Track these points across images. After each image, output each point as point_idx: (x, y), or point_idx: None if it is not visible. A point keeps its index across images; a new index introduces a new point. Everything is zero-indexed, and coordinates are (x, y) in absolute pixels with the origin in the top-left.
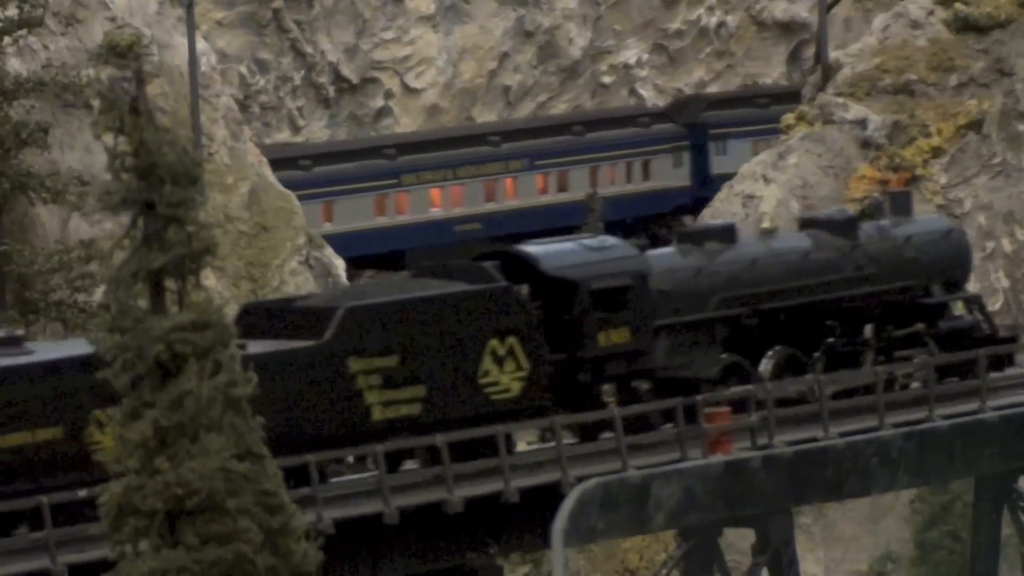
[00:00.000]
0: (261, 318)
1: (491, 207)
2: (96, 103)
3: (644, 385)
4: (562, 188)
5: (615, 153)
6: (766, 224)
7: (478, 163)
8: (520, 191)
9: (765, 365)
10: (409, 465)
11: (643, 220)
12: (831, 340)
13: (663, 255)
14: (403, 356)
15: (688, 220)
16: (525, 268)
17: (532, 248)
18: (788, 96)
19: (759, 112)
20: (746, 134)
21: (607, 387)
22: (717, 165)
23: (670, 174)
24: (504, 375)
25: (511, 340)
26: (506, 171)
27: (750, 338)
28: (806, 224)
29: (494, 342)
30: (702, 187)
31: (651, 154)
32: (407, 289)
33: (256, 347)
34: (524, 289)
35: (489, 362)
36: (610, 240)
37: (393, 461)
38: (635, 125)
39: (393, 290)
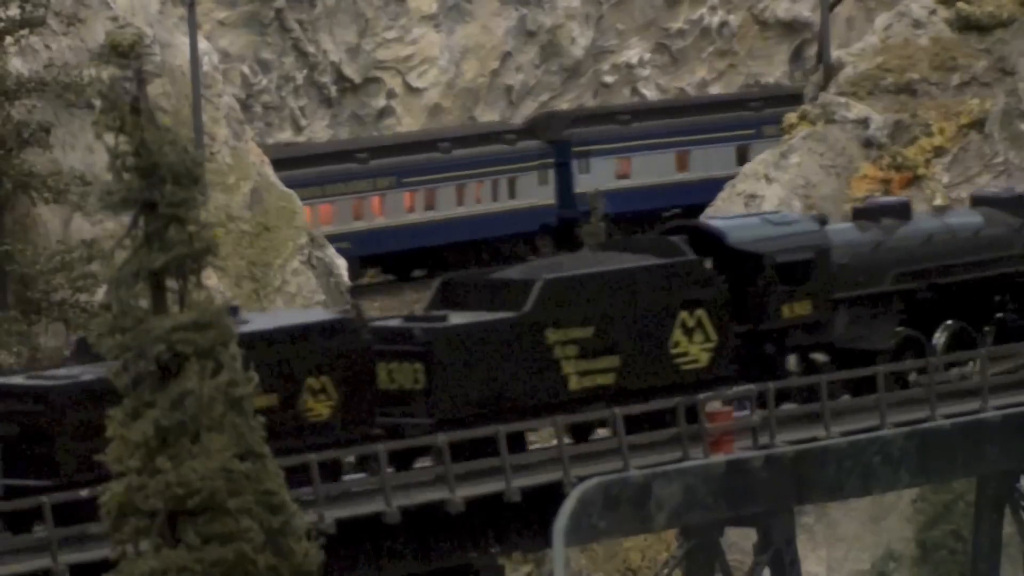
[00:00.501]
0: (461, 290)
1: (359, 226)
2: (98, 103)
3: (821, 357)
4: (429, 206)
5: (481, 170)
6: (939, 201)
7: (346, 180)
8: (387, 209)
9: (938, 338)
10: (601, 434)
11: (507, 239)
12: (1001, 315)
13: (843, 230)
14: (598, 327)
15: (547, 244)
16: (711, 242)
17: (718, 222)
18: (651, 112)
19: (621, 129)
20: (609, 151)
21: (791, 358)
22: (580, 183)
23: (536, 192)
24: (693, 346)
25: (700, 312)
26: (374, 189)
27: (924, 312)
28: (977, 202)
29: (684, 314)
30: (565, 206)
31: (517, 171)
32: (601, 262)
33: (457, 318)
34: (708, 262)
35: (679, 333)
36: (791, 215)
37: (584, 431)
38: (501, 142)
39: (588, 263)
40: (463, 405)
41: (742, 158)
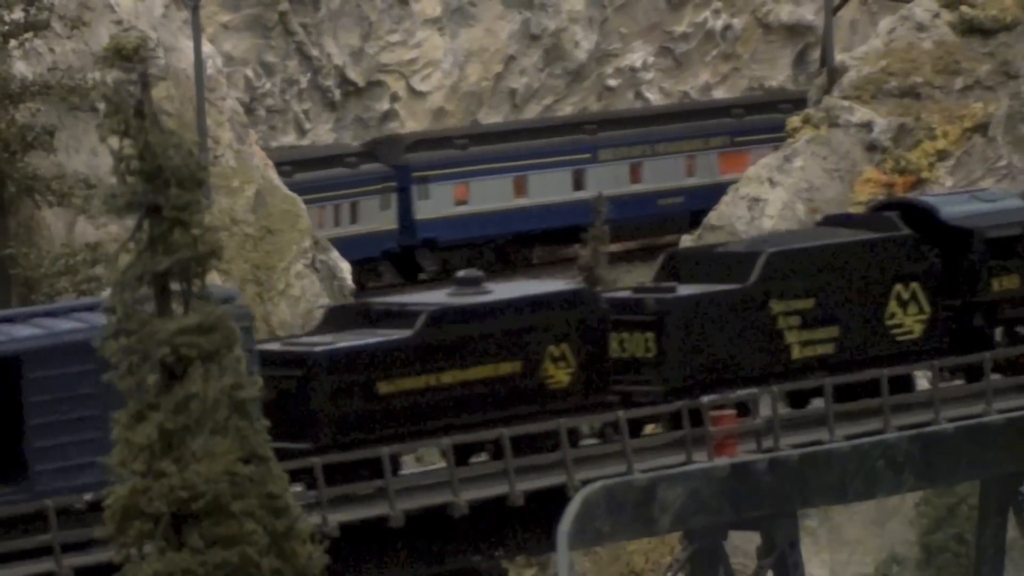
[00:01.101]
0: (687, 263)
1: None
2: (102, 106)
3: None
4: None
5: (323, 195)
6: None
7: None
8: None
9: None
10: (816, 403)
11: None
12: None
13: None
14: (819, 298)
15: (389, 271)
16: (923, 217)
17: (930, 198)
18: (488, 137)
19: (459, 154)
20: (447, 177)
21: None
22: (420, 210)
23: (378, 217)
24: (908, 318)
25: (914, 285)
26: None
27: None
28: None
29: (899, 286)
30: (405, 232)
31: (359, 196)
32: (820, 236)
33: (686, 289)
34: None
35: (895, 305)
36: (998, 192)
37: (802, 399)
38: (343, 165)
39: (808, 237)
40: (692, 373)
41: (578, 183)
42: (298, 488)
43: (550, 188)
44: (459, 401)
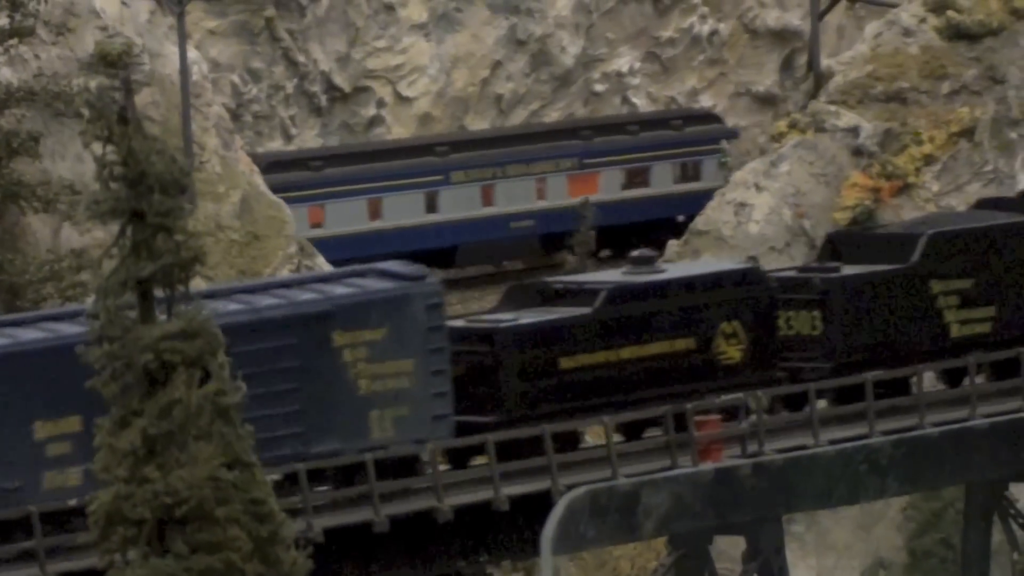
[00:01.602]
0: (848, 244)
1: None
2: (86, 112)
3: None
4: None
5: None
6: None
7: None
8: None
9: None
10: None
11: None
12: None
13: None
14: (976, 279)
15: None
16: None
17: None
18: (343, 158)
19: (313, 176)
20: (302, 199)
21: None
22: None
23: None
24: None
25: None
26: None
27: None
28: None
29: None
30: None
31: None
32: (978, 219)
33: (849, 269)
34: None
35: None
36: None
37: (959, 376)
38: None
39: (966, 219)
40: (856, 350)
41: (431, 206)
42: (482, 461)
43: (403, 211)
44: (635, 376)
